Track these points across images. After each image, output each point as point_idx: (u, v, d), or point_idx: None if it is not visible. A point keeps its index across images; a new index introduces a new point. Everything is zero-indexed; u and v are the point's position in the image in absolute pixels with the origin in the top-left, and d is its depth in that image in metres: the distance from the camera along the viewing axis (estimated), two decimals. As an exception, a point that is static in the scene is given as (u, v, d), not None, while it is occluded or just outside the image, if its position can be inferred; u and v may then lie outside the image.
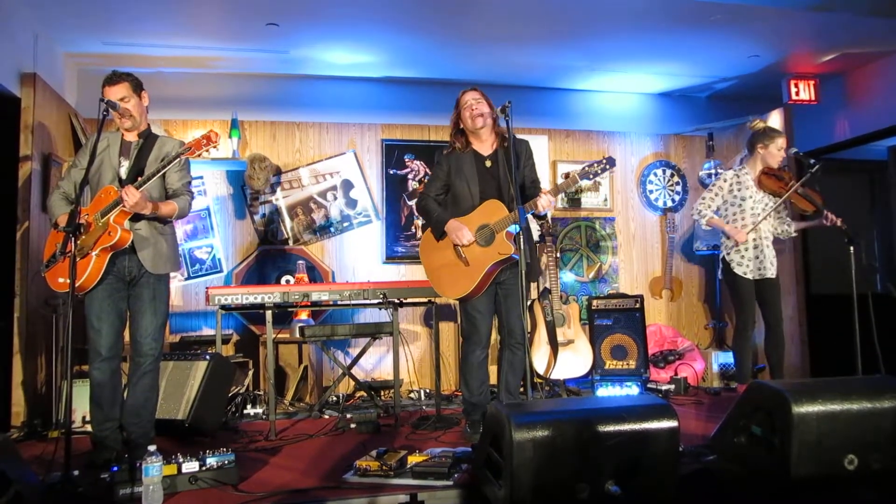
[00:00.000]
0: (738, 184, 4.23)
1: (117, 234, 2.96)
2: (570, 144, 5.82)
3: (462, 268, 3.42)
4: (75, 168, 3.18)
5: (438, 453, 2.98)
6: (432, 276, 3.60)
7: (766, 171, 4.21)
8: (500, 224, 3.33)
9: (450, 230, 3.43)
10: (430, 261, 3.61)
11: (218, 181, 5.20)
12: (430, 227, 3.60)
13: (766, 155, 4.20)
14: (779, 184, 4.16)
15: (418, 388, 5.05)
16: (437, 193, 3.60)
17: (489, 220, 3.38)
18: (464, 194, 3.50)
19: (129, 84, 3.11)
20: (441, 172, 3.58)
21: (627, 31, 4.58)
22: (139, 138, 3.19)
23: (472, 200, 3.47)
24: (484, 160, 3.53)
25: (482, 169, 3.51)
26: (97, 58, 4.74)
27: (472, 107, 3.46)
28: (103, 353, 3.05)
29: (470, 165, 3.51)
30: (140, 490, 2.45)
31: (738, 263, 4.20)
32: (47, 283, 3.11)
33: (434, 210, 3.55)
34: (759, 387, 2.61)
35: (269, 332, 3.88)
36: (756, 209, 4.20)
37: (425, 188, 3.68)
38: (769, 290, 4.23)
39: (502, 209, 3.35)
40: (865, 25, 4.49)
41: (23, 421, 3.82)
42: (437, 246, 3.53)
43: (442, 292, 3.58)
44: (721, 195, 4.28)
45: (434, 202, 3.58)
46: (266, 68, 5.15)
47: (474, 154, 3.54)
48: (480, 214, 3.42)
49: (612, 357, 4.97)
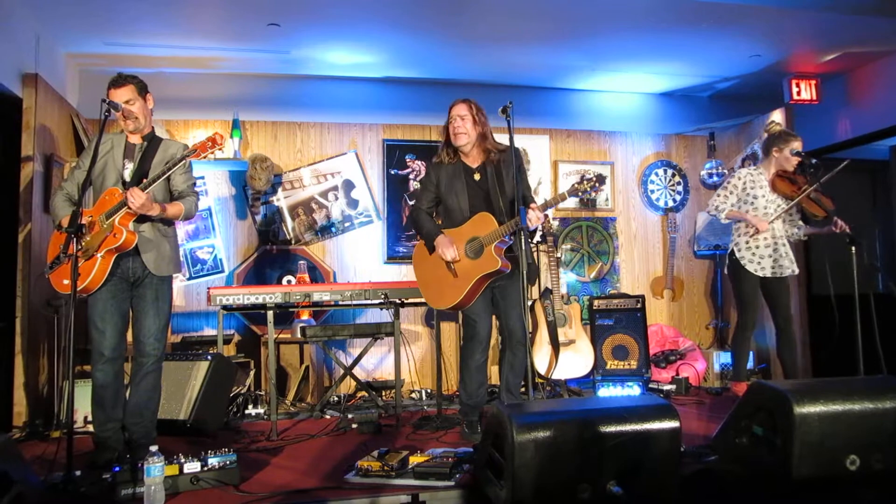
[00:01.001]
0: (753, 182, 4.24)
1: (123, 235, 2.97)
2: (572, 144, 5.82)
3: (451, 279, 3.46)
4: (78, 169, 3.18)
5: (440, 454, 2.98)
6: (423, 287, 3.66)
7: (780, 174, 4.22)
8: (489, 238, 3.35)
9: (437, 245, 3.47)
10: (421, 272, 3.67)
11: (219, 181, 5.20)
12: (422, 239, 3.64)
13: (781, 158, 4.20)
14: (792, 187, 4.17)
15: (419, 388, 5.05)
16: (428, 206, 3.64)
17: (479, 234, 3.41)
18: (454, 208, 3.53)
19: (134, 86, 3.12)
20: (430, 185, 3.62)
21: (628, 30, 4.58)
22: (143, 140, 3.20)
23: (461, 214, 3.51)
24: (473, 173, 3.55)
25: (471, 182, 3.53)
26: (99, 58, 4.75)
27: (455, 123, 3.48)
28: (106, 354, 3.05)
29: (459, 178, 3.53)
30: (142, 490, 2.45)
31: (750, 260, 4.18)
32: (52, 284, 3.11)
33: (425, 224, 3.59)
34: (761, 387, 2.61)
35: (270, 332, 3.88)
36: (768, 209, 4.20)
37: (417, 200, 3.72)
38: (779, 289, 4.22)
39: (492, 223, 3.37)
40: (867, 25, 4.49)
41: (24, 421, 3.82)
42: (429, 258, 3.57)
43: (431, 303, 3.63)
44: (736, 193, 4.27)
45: (426, 215, 3.62)
46: (267, 68, 5.16)
47: (463, 167, 3.56)
48: (471, 227, 3.45)
49: (614, 357, 4.97)
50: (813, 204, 4.14)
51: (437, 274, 3.52)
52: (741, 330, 4.32)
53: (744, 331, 4.30)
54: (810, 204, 4.15)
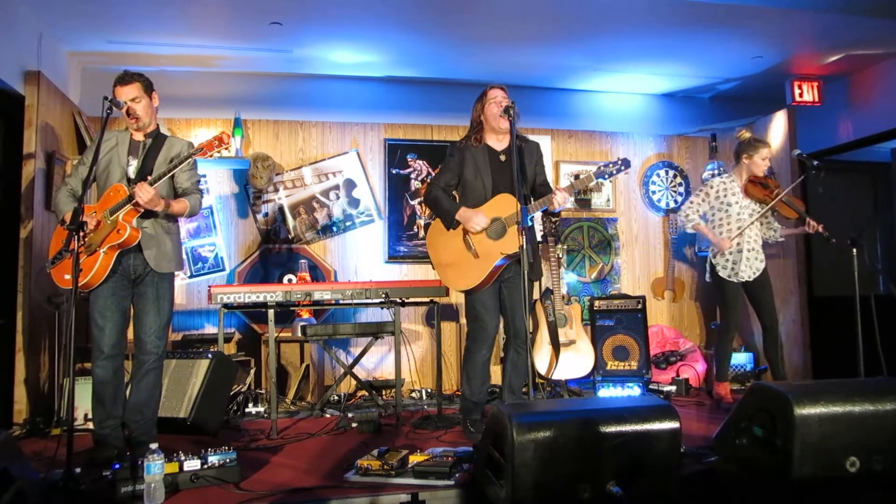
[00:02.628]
0: (725, 190, 4.37)
1: (126, 231, 2.97)
2: (573, 145, 5.82)
3: (471, 260, 3.40)
4: (83, 165, 3.18)
5: (440, 453, 2.98)
6: (440, 268, 3.56)
7: (751, 180, 4.35)
8: (512, 218, 3.31)
9: (463, 218, 3.40)
10: (437, 252, 3.58)
11: (221, 180, 5.21)
12: (440, 216, 3.57)
13: (752, 164, 4.32)
14: (764, 192, 4.30)
15: (420, 387, 5.05)
16: (446, 184, 3.57)
17: (501, 214, 3.37)
18: (476, 187, 3.48)
19: (140, 84, 3.12)
20: (453, 164, 3.56)
21: (630, 31, 4.58)
22: (147, 138, 3.20)
23: (484, 193, 3.46)
24: (498, 154, 3.53)
25: (496, 163, 3.50)
26: (101, 56, 4.75)
27: (501, 102, 3.44)
28: (106, 351, 3.06)
29: (484, 159, 3.50)
30: (142, 488, 2.46)
31: (723, 267, 4.33)
32: (53, 279, 3.11)
33: (443, 200, 3.52)
34: (761, 388, 2.61)
35: (271, 330, 3.89)
36: (742, 215, 4.32)
37: (434, 178, 3.66)
38: (759, 292, 4.34)
39: (514, 203, 3.31)
40: (869, 27, 4.49)
41: (25, 418, 3.83)
42: (447, 236, 3.51)
43: (450, 284, 3.56)
44: (708, 201, 4.42)
45: (443, 192, 3.55)
46: (269, 67, 5.16)
47: (488, 148, 3.54)
48: (492, 208, 3.41)
49: (614, 358, 4.97)
50: (785, 207, 4.30)
51: (455, 254, 3.46)
52: (724, 332, 4.44)
53: (726, 333, 4.42)
54: (783, 207, 4.30)
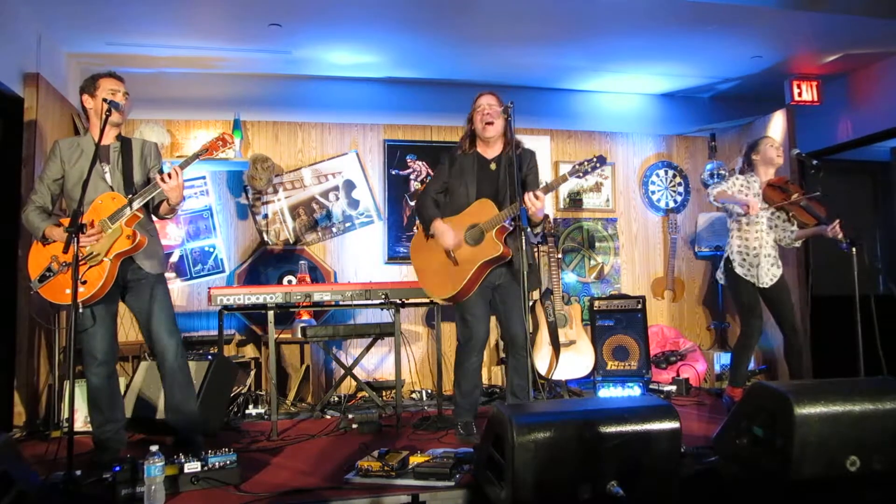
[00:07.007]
0: (747, 185, 4.20)
1: (137, 238, 2.96)
2: (573, 145, 5.82)
3: (451, 267, 3.41)
4: (49, 180, 3.06)
5: (440, 454, 2.98)
6: (421, 276, 3.60)
7: (770, 184, 4.17)
8: (489, 223, 3.32)
9: (435, 231, 3.42)
10: (419, 260, 3.61)
11: (220, 181, 5.20)
12: (423, 225, 3.59)
13: (763, 158, 4.15)
14: (783, 195, 4.11)
15: (420, 388, 5.05)
16: (436, 192, 3.59)
17: (479, 220, 3.37)
18: (460, 194, 3.49)
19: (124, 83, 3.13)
20: (443, 172, 3.58)
21: (629, 31, 4.58)
22: (117, 140, 3.13)
23: (467, 200, 3.47)
24: (488, 163, 3.52)
25: (484, 171, 3.50)
26: (100, 58, 4.75)
27: (485, 111, 3.45)
28: (99, 357, 3.04)
29: (471, 166, 3.51)
30: (142, 490, 2.46)
31: (740, 264, 4.14)
32: (46, 298, 3.01)
33: (427, 208, 3.55)
34: (761, 388, 2.61)
35: (270, 332, 3.89)
36: (761, 215, 4.15)
37: (426, 186, 3.69)
38: (777, 299, 4.12)
39: (493, 208, 3.34)
40: (868, 27, 4.48)
41: (25, 421, 3.83)
42: (427, 246, 3.53)
43: (430, 292, 3.58)
44: (732, 191, 4.20)
45: (431, 200, 3.57)
46: (268, 69, 5.16)
47: (477, 156, 3.54)
48: (471, 214, 3.42)
49: (614, 358, 4.97)
50: (803, 212, 4.10)
51: (436, 262, 3.48)
52: (745, 337, 4.16)
53: (748, 338, 4.14)
54: (801, 212, 4.11)
